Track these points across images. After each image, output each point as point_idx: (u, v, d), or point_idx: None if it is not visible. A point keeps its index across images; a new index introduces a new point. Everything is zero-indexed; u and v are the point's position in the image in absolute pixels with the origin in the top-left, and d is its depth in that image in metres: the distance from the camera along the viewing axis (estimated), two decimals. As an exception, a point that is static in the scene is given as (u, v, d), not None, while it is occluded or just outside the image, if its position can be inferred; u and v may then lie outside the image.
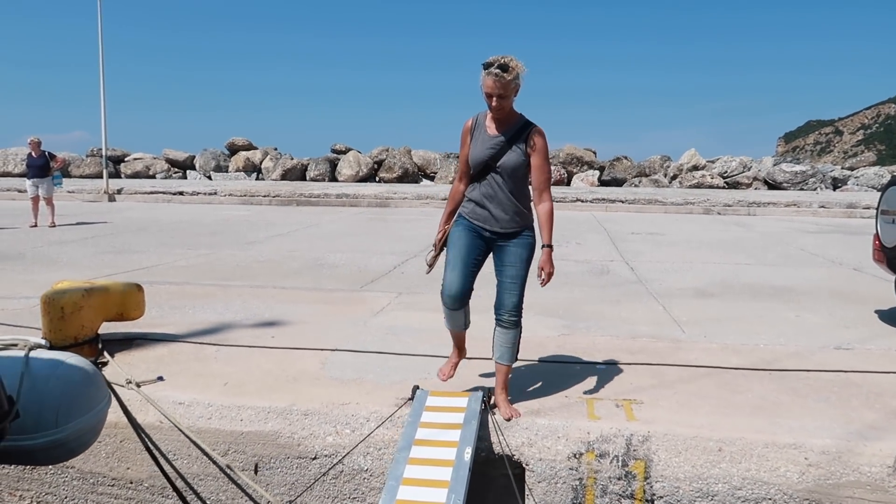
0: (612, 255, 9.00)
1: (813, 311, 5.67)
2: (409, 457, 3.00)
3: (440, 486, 2.82)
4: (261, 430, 3.30)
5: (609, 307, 5.74)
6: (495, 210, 3.22)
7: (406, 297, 6.02)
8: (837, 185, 25.71)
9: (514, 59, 3.03)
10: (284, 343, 4.43)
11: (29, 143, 12.37)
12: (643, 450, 3.04)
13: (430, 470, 2.92)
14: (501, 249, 3.29)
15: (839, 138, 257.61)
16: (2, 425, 2.16)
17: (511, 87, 3.05)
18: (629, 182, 26.97)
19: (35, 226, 11.73)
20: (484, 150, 3.19)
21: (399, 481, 2.87)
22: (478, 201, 3.26)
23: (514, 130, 3.19)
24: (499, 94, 3.03)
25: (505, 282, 3.27)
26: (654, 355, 4.28)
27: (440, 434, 3.12)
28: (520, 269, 3.25)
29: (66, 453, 2.72)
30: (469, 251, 3.26)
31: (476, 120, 3.29)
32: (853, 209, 16.54)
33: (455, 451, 3.00)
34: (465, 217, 3.32)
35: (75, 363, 2.75)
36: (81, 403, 2.67)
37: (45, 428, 2.53)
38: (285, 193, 18.95)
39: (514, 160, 3.16)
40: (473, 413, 3.22)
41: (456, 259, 3.26)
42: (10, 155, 29.19)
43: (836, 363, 4.14)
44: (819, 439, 3.02)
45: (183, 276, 6.96)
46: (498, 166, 3.17)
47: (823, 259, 8.91)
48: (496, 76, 2.99)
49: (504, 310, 3.26)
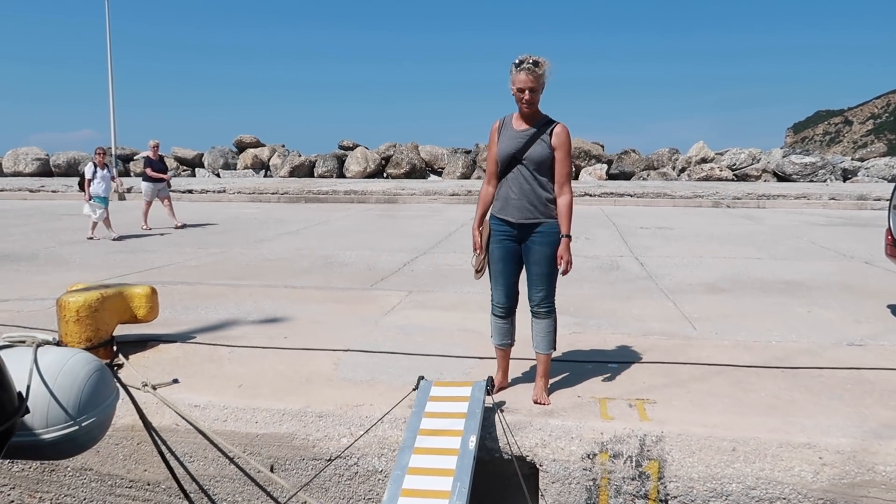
0: (622, 251, 8.98)
1: (825, 307, 5.65)
2: (415, 446, 3.03)
3: (445, 475, 2.84)
4: (276, 432, 3.33)
5: (619, 304, 5.73)
6: (522, 201, 3.38)
7: (417, 295, 6.04)
8: (848, 177, 25.54)
9: (542, 57, 3.26)
10: (297, 343, 4.45)
11: (152, 146, 11.94)
12: (657, 450, 3.05)
13: (436, 459, 2.95)
14: (528, 247, 3.44)
15: (848, 128, 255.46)
16: (12, 421, 2.19)
17: (541, 81, 3.27)
18: (637, 175, 26.89)
19: (149, 228, 11.25)
20: (511, 143, 3.37)
21: (405, 471, 2.90)
22: (504, 193, 3.43)
23: (539, 125, 3.36)
24: (531, 87, 3.23)
25: (533, 278, 3.47)
26: (665, 353, 4.28)
27: (445, 423, 3.14)
28: (545, 266, 3.43)
29: (74, 448, 2.76)
30: (506, 264, 3.48)
31: (503, 121, 3.48)
32: (864, 201, 16.43)
33: (460, 440, 3.02)
34: (496, 216, 3.48)
35: (82, 359, 2.79)
36: (90, 399, 2.71)
37: (54, 423, 2.57)
38: (294, 191, 19.00)
39: (540, 153, 3.33)
40: (478, 402, 3.25)
41: (497, 274, 3.50)
42: (20, 155, 29.40)
43: (850, 360, 4.13)
44: (833, 438, 3.02)
45: (195, 276, 7.01)
46: (524, 158, 3.34)
47: (834, 252, 8.86)
48: (529, 70, 3.21)
49: (535, 302, 3.49)
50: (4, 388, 2.18)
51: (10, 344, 2.75)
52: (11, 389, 2.23)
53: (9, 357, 2.44)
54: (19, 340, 2.78)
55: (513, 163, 3.38)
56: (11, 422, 2.18)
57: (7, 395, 2.19)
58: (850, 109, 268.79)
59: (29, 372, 2.56)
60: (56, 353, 2.74)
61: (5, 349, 2.64)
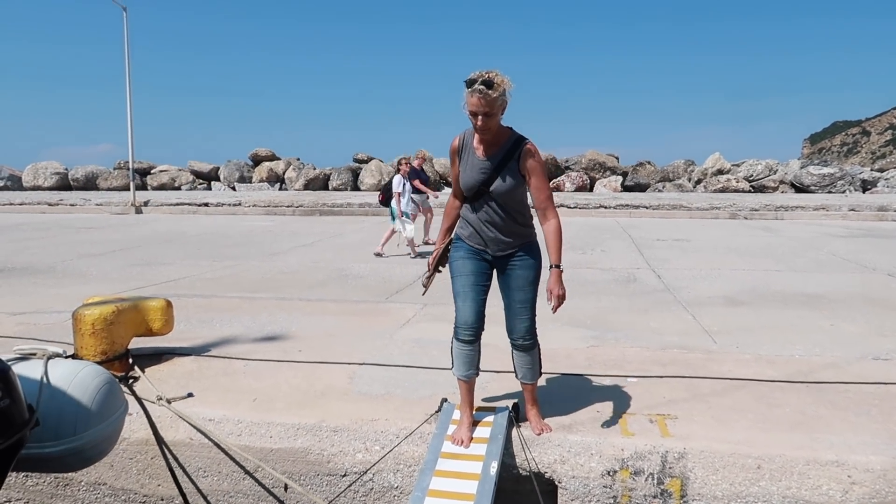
0: (638, 263, 8.89)
1: (848, 320, 5.53)
2: (436, 469, 3.00)
3: (466, 500, 2.81)
4: (290, 446, 3.29)
5: (637, 317, 5.66)
6: (495, 234, 3.07)
7: (431, 308, 5.99)
8: (867, 188, 25.23)
9: (498, 73, 2.83)
10: (312, 357, 4.42)
11: (420, 158, 11.18)
12: (679, 467, 2.97)
13: (456, 483, 2.91)
14: (506, 272, 3.14)
15: (866, 139, 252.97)
16: (22, 433, 2.18)
17: (497, 104, 2.84)
18: (653, 187, 26.75)
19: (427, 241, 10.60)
20: (475, 174, 3.01)
21: (425, 493, 2.87)
22: (476, 226, 3.09)
23: (504, 151, 2.98)
24: (484, 112, 2.82)
25: (514, 306, 3.14)
26: (685, 367, 4.20)
27: (466, 448, 3.11)
28: (528, 292, 3.12)
29: (82, 461, 2.73)
30: (476, 277, 3.12)
31: (463, 139, 3.07)
32: (885, 212, 16.20)
33: (481, 465, 2.99)
34: (465, 240, 3.16)
35: (92, 372, 2.77)
36: (99, 412, 2.69)
37: (63, 436, 2.55)
38: (308, 203, 19.07)
39: (509, 184, 2.98)
40: (500, 428, 3.20)
41: (465, 288, 3.11)
42: (40, 169, 29.82)
43: (876, 375, 4.02)
44: (862, 456, 2.93)
45: (210, 289, 7.01)
46: (491, 191, 3.00)
47: (856, 264, 8.71)
48: (481, 93, 2.78)
49: (517, 335, 3.17)
50: (15, 400, 2.18)
51: (21, 356, 2.74)
52: (21, 402, 2.22)
53: (20, 369, 2.44)
54: (30, 353, 2.77)
55: (480, 194, 3.02)
56: (21, 434, 2.17)
57: (17, 407, 2.18)
58: (867, 120, 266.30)
59: (39, 384, 2.55)
60: (66, 366, 2.73)
61: (16, 361, 2.64)
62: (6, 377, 2.15)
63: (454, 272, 3.17)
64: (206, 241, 11.67)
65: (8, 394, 2.14)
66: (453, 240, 3.25)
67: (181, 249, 10.49)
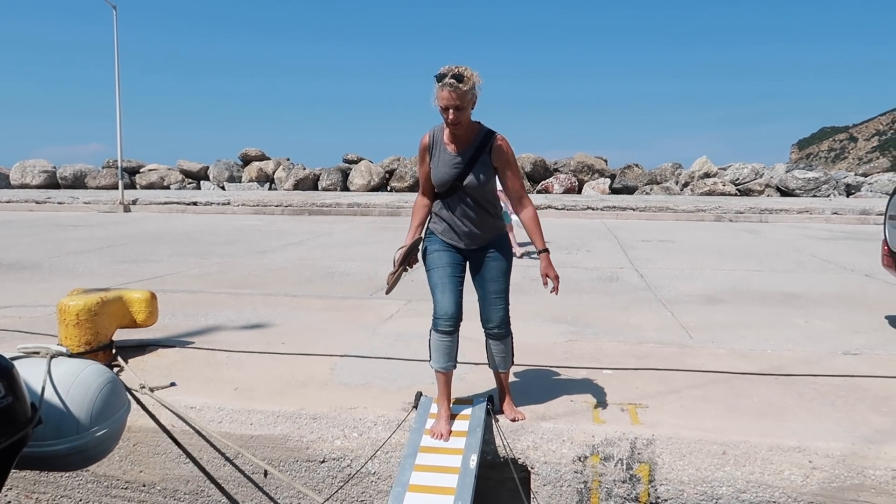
0: (622, 263, 9.01)
1: (822, 318, 5.66)
2: (415, 463, 3.02)
3: (446, 493, 2.84)
4: (270, 433, 3.36)
5: (617, 313, 5.76)
6: (469, 228, 3.15)
7: (415, 304, 6.07)
8: (851, 192, 25.52)
9: (468, 68, 2.91)
10: (294, 349, 4.49)
11: None
12: (647, 453, 3.06)
13: (436, 477, 2.94)
14: (480, 263, 3.22)
15: (854, 145, 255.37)
16: (24, 431, 2.22)
17: (468, 97, 2.91)
18: (640, 190, 26.93)
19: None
20: (447, 170, 3.07)
21: (405, 487, 2.89)
22: (449, 221, 3.16)
23: (475, 145, 3.06)
24: (455, 105, 2.88)
25: (490, 297, 3.22)
26: (661, 361, 4.30)
27: (445, 441, 3.16)
28: (502, 283, 3.22)
29: (84, 460, 2.77)
30: (453, 269, 3.18)
31: (433, 136, 3.12)
32: (866, 215, 16.42)
33: (461, 458, 3.02)
34: (438, 235, 3.23)
35: (95, 371, 2.82)
36: (101, 411, 2.73)
37: (66, 434, 2.59)
38: (297, 203, 19.11)
39: (482, 178, 3.06)
40: (478, 420, 3.24)
41: (443, 279, 3.16)
42: (28, 167, 29.65)
43: (844, 368, 4.14)
44: (824, 442, 3.03)
45: (196, 285, 7.06)
46: (465, 185, 3.07)
47: (835, 265, 8.86)
48: (452, 87, 2.85)
49: (493, 324, 3.26)
50: (18, 398, 2.21)
51: (24, 355, 2.78)
52: (25, 400, 2.26)
53: (23, 367, 2.47)
54: (34, 351, 2.81)
55: (453, 189, 3.08)
56: (24, 432, 2.21)
57: (20, 405, 2.22)
58: (855, 126, 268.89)
59: (42, 383, 2.58)
60: (69, 365, 2.76)
61: (19, 360, 2.67)
62: (9, 375, 2.18)
63: (431, 265, 3.23)
64: (193, 240, 11.69)
65: (11, 392, 2.16)
66: (425, 235, 3.28)
67: (169, 247, 10.51)
